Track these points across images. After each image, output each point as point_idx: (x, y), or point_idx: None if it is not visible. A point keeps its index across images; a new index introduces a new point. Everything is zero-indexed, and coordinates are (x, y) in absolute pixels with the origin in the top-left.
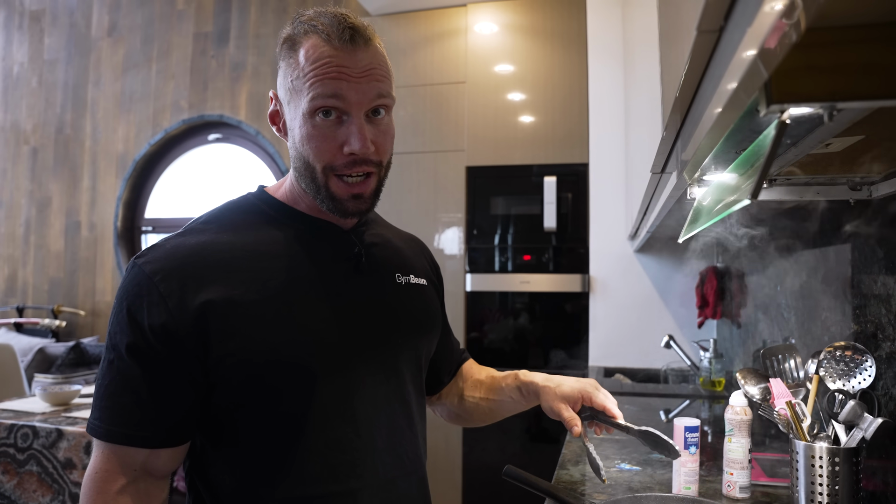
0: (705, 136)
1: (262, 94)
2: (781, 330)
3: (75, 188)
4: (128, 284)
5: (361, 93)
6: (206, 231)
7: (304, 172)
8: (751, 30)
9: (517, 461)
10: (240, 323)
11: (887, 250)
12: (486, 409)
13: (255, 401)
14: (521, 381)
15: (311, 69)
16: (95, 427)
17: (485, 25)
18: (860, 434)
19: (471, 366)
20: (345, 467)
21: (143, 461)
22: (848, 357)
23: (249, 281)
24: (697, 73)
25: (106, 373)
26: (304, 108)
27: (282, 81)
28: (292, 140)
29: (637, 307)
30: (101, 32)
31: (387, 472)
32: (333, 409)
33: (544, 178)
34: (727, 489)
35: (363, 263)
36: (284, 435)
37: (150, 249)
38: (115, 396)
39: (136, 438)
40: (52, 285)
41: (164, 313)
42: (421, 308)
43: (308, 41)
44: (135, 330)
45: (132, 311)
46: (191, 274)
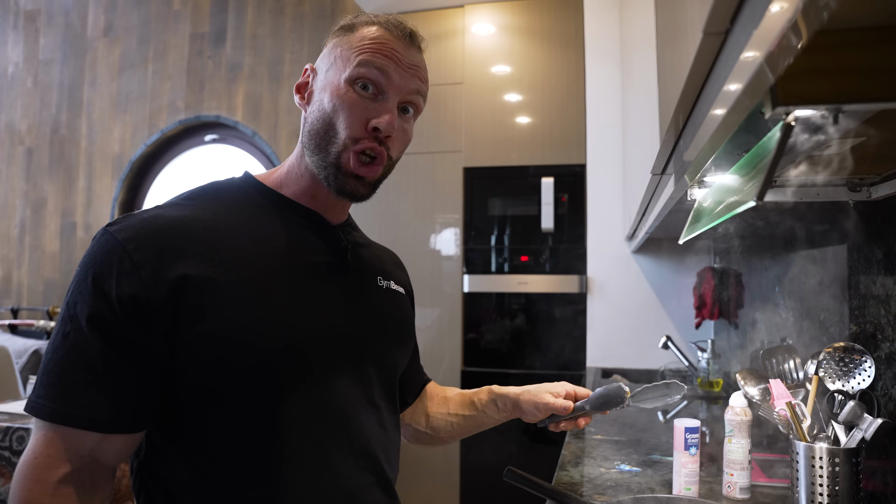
0: (709, 139)
1: (258, 94)
2: (779, 330)
3: (71, 189)
4: (95, 251)
5: (403, 80)
6: (187, 206)
7: (320, 137)
8: (757, 33)
9: (515, 462)
10: (216, 302)
11: (886, 251)
12: (457, 426)
13: (223, 389)
14: (496, 393)
15: (366, 43)
16: (39, 406)
17: (482, 26)
18: (860, 434)
19: (434, 385)
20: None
21: (92, 448)
22: (847, 358)
23: (230, 260)
24: (701, 75)
25: (59, 346)
26: (347, 73)
27: (327, 53)
28: (318, 105)
29: (635, 308)
30: (96, 32)
31: (362, 477)
32: (306, 404)
33: (542, 179)
34: (727, 490)
35: (349, 261)
36: (253, 429)
37: (124, 218)
38: (67, 372)
39: (86, 420)
40: (47, 286)
41: (135, 284)
42: (399, 315)
43: (369, 27)
44: (99, 300)
45: (99, 280)
46: (168, 245)
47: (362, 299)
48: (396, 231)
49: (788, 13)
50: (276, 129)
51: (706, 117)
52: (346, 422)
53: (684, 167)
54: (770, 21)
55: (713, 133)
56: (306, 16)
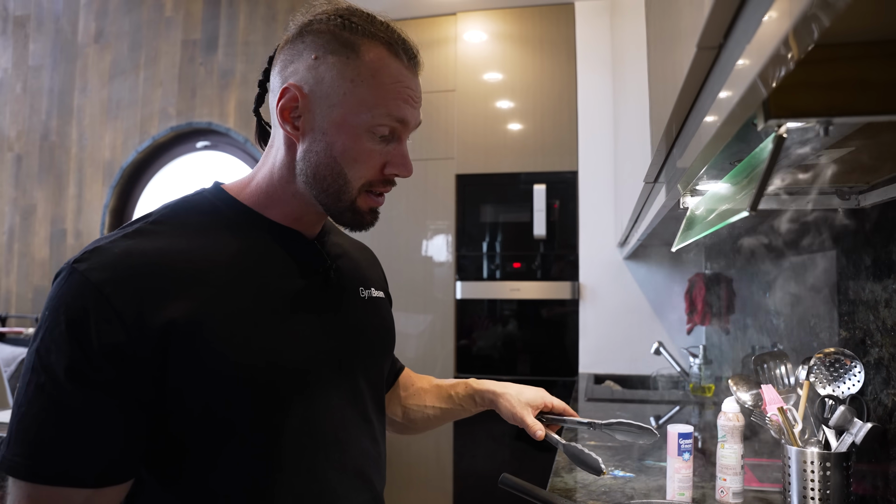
0: (703, 149)
1: (250, 101)
2: (770, 336)
3: (61, 196)
4: (66, 295)
5: (415, 119)
6: (160, 234)
7: (328, 183)
8: (750, 48)
9: (508, 469)
10: (204, 345)
11: (875, 258)
12: (432, 417)
13: (217, 430)
14: (475, 389)
15: (386, 84)
16: (17, 465)
17: (474, 34)
18: (850, 439)
19: (408, 374)
20: (317, 497)
21: (83, 503)
22: (837, 363)
23: (214, 297)
24: (695, 87)
25: (33, 399)
26: (364, 121)
27: (331, 80)
28: (323, 146)
29: (626, 314)
30: (87, 39)
31: (359, 496)
32: (303, 434)
33: (534, 186)
34: (720, 495)
35: (331, 278)
36: (252, 465)
37: (92, 253)
38: (46, 427)
39: (75, 478)
40: (36, 294)
41: (118, 332)
42: (382, 324)
43: (373, 49)
44: (76, 350)
45: (73, 328)
46: (148, 288)
47: (348, 316)
48: (389, 238)
49: (782, 29)
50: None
51: (699, 128)
52: (342, 444)
53: (677, 176)
54: (763, 36)
55: (707, 144)
56: None
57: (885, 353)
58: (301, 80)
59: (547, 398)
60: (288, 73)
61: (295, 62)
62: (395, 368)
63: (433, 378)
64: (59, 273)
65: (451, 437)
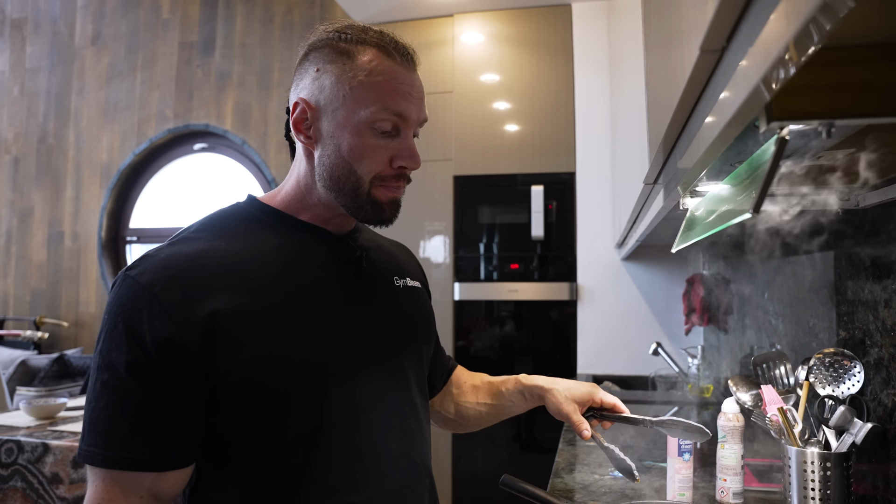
0: (704, 151)
1: (248, 103)
2: (769, 336)
3: (58, 198)
4: (121, 298)
5: (417, 113)
6: (201, 239)
7: (342, 183)
8: (753, 51)
9: (506, 470)
10: (247, 333)
11: (874, 259)
12: (485, 414)
13: (265, 414)
14: (525, 384)
15: (380, 81)
16: (92, 454)
17: (471, 35)
18: (850, 439)
19: (461, 372)
20: (362, 475)
21: (150, 486)
22: (837, 363)
23: (254, 289)
24: (697, 89)
25: (100, 394)
26: (363, 118)
27: (330, 86)
28: (333, 148)
29: (625, 315)
30: (84, 41)
31: (403, 477)
32: (347, 416)
33: (531, 187)
34: (720, 495)
35: (364, 268)
36: (298, 447)
37: (142, 260)
38: (114, 419)
39: (142, 462)
40: (34, 296)
41: (167, 326)
42: (419, 311)
43: (366, 52)
44: (133, 346)
45: (130, 327)
46: (192, 283)
47: (383, 304)
48: None
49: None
50: (266, 138)
51: (701, 130)
52: (385, 426)
53: (677, 177)
54: (767, 40)
55: (709, 146)
56: (295, 25)
57: (884, 354)
58: (307, 93)
59: (597, 395)
60: (297, 90)
61: (302, 79)
62: (448, 366)
63: (485, 375)
64: (115, 282)
65: (449, 438)
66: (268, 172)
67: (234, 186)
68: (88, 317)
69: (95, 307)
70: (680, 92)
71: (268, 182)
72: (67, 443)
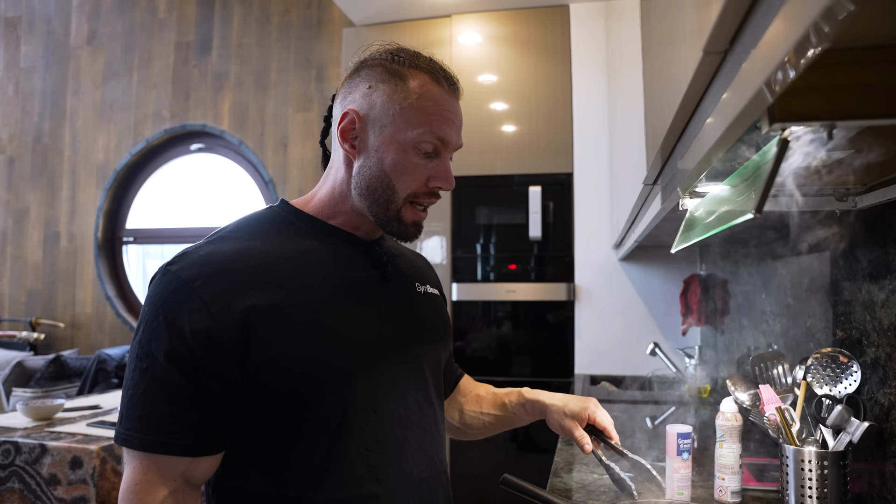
0: (706, 152)
1: (245, 103)
2: (766, 337)
3: (54, 198)
4: (162, 291)
5: (457, 139)
6: (237, 239)
7: (378, 194)
8: (757, 53)
9: (504, 470)
10: (281, 329)
11: (870, 259)
12: (488, 424)
13: (293, 405)
14: (527, 399)
15: (429, 106)
16: (129, 437)
17: (469, 36)
18: (847, 438)
19: (468, 381)
20: (383, 468)
21: (184, 470)
22: (834, 363)
23: (288, 287)
24: (699, 91)
25: (139, 381)
26: (409, 137)
27: (381, 104)
28: (376, 161)
29: (622, 315)
30: (80, 41)
31: (420, 471)
32: (370, 410)
33: (529, 188)
34: (719, 494)
35: (389, 272)
36: (323, 438)
37: (181, 257)
38: (152, 405)
39: (178, 447)
40: (29, 297)
41: (206, 319)
42: (438, 317)
43: (418, 76)
44: (173, 337)
45: (170, 319)
46: (230, 280)
47: (406, 307)
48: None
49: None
50: (263, 138)
51: (702, 132)
52: (406, 422)
53: (677, 178)
54: (771, 43)
55: (710, 147)
56: (293, 25)
57: (881, 353)
58: (357, 106)
59: (591, 412)
60: (347, 101)
61: (353, 92)
62: (456, 374)
63: (490, 386)
64: (154, 276)
65: (447, 439)
66: (265, 173)
67: (232, 187)
68: (85, 318)
69: (92, 308)
70: (682, 93)
71: (265, 182)
72: (65, 444)
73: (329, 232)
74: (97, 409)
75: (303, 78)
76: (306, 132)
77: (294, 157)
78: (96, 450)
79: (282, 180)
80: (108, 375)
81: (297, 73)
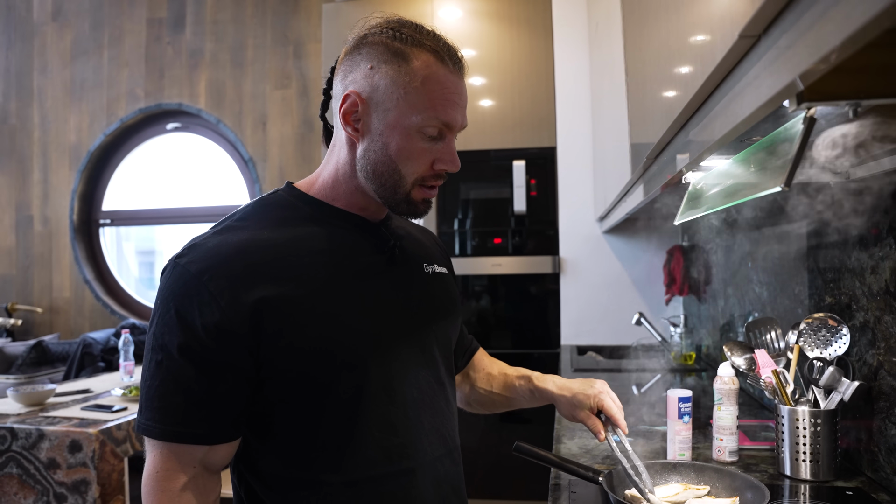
0: (730, 130)
1: (221, 81)
2: (752, 304)
3: (25, 181)
4: (173, 285)
5: (462, 120)
6: (245, 228)
7: (385, 178)
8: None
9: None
10: (292, 318)
11: (861, 228)
12: (497, 403)
13: (307, 392)
14: (536, 386)
15: (434, 90)
16: (150, 427)
17: (450, 11)
18: (838, 397)
19: (482, 357)
20: (398, 449)
21: (202, 457)
22: (825, 327)
23: (297, 276)
24: (724, 71)
25: (155, 373)
26: (414, 123)
27: (385, 87)
28: (380, 146)
29: (606, 286)
30: (43, 17)
31: (434, 450)
32: (383, 393)
33: (513, 162)
34: (717, 454)
35: (396, 255)
36: (338, 423)
37: (190, 249)
38: (168, 396)
39: (195, 436)
40: (3, 282)
41: (216, 312)
42: (446, 296)
43: (421, 55)
44: (185, 330)
45: (181, 312)
46: (239, 271)
47: (415, 289)
48: None
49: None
50: (241, 116)
51: (727, 110)
52: (418, 403)
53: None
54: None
55: (736, 125)
56: (268, 0)
57: (870, 317)
58: (359, 87)
59: (599, 401)
60: (348, 81)
61: (354, 71)
62: (471, 347)
63: (503, 365)
64: (164, 268)
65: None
66: (244, 151)
67: (210, 166)
68: (63, 302)
69: (70, 292)
70: (707, 73)
71: (244, 161)
72: (63, 428)
73: (336, 216)
74: (88, 392)
75: (280, 55)
76: (285, 109)
77: (273, 134)
78: (95, 433)
79: (261, 158)
80: (94, 359)
81: (275, 50)
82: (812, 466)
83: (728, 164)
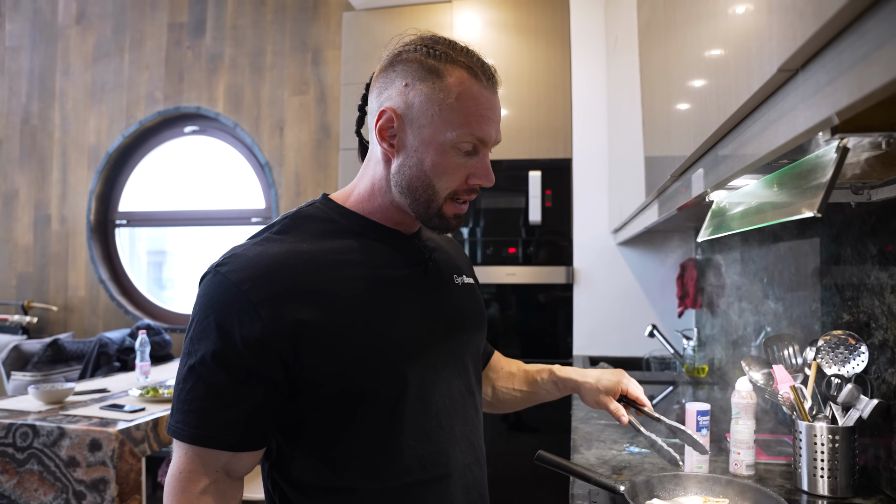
0: (763, 155)
1: (240, 86)
2: (765, 319)
3: (44, 181)
4: (212, 293)
5: (496, 136)
6: (284, 240)
7: (419, 193)
8: (842, 80)
9: (496, 449)
10: (331, 333)
11: (880, 248)
12: (520, 399)
13: (343, 402)
14: (558, 377)
15: (468, 107)
16: (179, 430)
17: (469, 21)
18: (857, 414)
19: (499, 358)
20: (432, 457)
21: (225, 463)
22: (843, 345)
23: (336, 290)
24: (757, 100)
25: (187, 376)
26: (449, 139)
27: (419, 104)
28: (416, 161)
29: (619, 298)
30: (68, 20)
31: (464, 458)
32: (418, 402)
33: (529, 173)
34: (734, 467)
35: (430, 268)
36: (374, 431)
37: (230, 258)
38: (199, 400)
39: (220, 441)
40: (20, 280)
41: (256, 323)
42: (475, 306)
43: (455, 72)
44: (223, 339)
45: (220, 321)
46: (280, 284)
47: (446, 300)
48: None
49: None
50: (259, 121)
51: (760, 136)
52: (450, 412)
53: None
54: (858, 74)
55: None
56: (288, 7)
57: (889, 336)
58: (395, 104)
59: (623, 384)
60: (383, 98)
61: (389, 88)
62: (487, 351)
63: (521, 362)
64: (204, 275)
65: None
66: (261, 156)
67: (227, 170)
68: (78, 301)
69: (85, 291)
70: (741, 101)
71: (261, 165)
72: (83, 427)
73: (371, 229)
74: (105, 392)
75: (299, 61)
76: (302, 115)
77: (290, 140)
78: (115, 433)
79: (278, 163)
80: (109, 359)
81: (293, 56)
82: (830, 483)
83: (754, 184)
